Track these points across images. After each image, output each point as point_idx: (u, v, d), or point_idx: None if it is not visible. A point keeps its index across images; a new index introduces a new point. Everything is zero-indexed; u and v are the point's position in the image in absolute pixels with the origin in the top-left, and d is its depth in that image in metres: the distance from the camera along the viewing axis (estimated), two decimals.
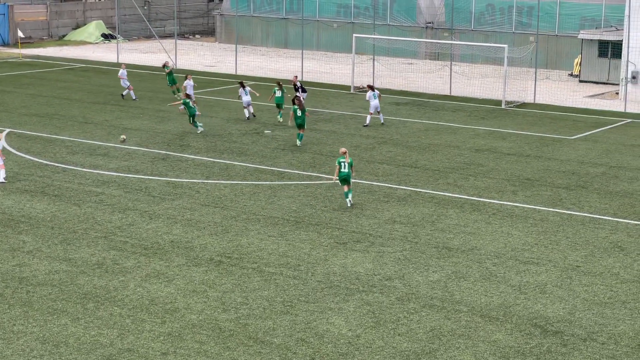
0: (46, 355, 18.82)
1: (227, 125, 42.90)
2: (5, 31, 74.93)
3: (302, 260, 24.53)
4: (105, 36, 78.50)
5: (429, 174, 34.06)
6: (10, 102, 48.29)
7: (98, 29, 79.32)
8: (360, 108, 47.18)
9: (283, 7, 73.36)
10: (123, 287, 22.51)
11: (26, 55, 68.50)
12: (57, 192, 30.93)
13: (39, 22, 78.33)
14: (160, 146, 38.04)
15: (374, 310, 21.29)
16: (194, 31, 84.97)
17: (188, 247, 25.51)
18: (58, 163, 34.88)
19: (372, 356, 18.90)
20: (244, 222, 27.90)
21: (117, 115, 44.75)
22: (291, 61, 63.61)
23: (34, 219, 27.93)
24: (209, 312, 21.09)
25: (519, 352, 19.13)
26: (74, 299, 21.79)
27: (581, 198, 31.07)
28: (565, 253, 25.38)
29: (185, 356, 18.81)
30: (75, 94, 51.12)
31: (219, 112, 45.89)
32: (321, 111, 46.18)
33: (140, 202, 29.83)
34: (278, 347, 19.27)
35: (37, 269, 23.74)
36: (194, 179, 32.96)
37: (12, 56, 68.09)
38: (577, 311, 21.33)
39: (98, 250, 25.23)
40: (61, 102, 48.60)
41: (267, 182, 32.73)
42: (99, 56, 68.12)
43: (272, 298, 21.92)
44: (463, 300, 21.94)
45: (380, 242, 26.11)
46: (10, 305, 21.37)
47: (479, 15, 65.08)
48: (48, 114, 45.06)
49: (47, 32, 78.78)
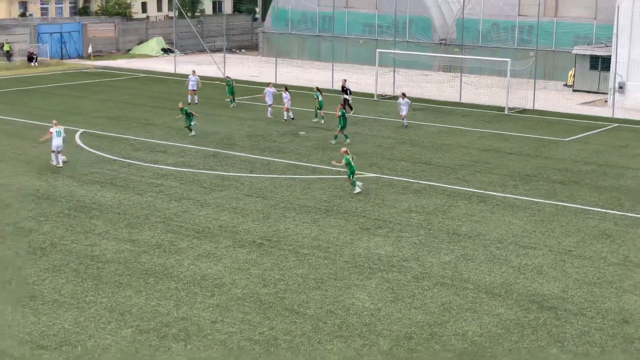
0: (113, 322, 18.94)
1: (268, 127, 42.94)
2: (80, 46, 75.49)
3: (332, 243, 24.53)
4: (164, 50, 78.91)
5: (441, 170, 33.94)
6: (84, 106, 48.65)
7: (158, 44, 79.76)
8: (382, 113, 47.11)
9: (316, 25, 73.35)
10: (178, 265, 22.61)
11: (98, 66, 69.00)
12: (123, 183, 31.11)
13: (109, 38, 78.83)
14: (210, 145, 38.15)
15: (393, 286, 21.26)
16: (240, 46, 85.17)
17: (234, 231, 25.58)
18: (124, 158, 35.08)
19: (391, 326, 18.87)
20: (282, 210, 27.93)
21: (174, 117, 44.88)
22: (323, 72, 63.59)
23: (104, 206, 28.11)
24: (252, 287, 21.14)
25: (518, 325, 19.05)
26: (137, 274, 21.92)
27: (574, 192, 30.85)
28: (560, 239, 25.22)
29: (231, 324, 18.87)
30: (138, 100, 51.40)
31: (261, 115, 45.94)
32: (349, 115, 46.03)
33: (193, 192, 29.93)
34: (310, 318, 19.28)
35: (106, 248, 23.90)
36: (240, 173, 33.03)
37: (86, 67, 68.60)
38: (569, 289, 21.20)
39: (157, 233, 25.35)
40: (126, 106, 48.88)
41: (302, 176, 32.74)
42: (159, 67, 68.48)
43: (306, 275, 21.94)
44: (470, 279, 21.86)
45: (399, 229, 26.06)
46: (83, 279, 21.54)
47: (486, 33, 64.80)
48: (115, 117, 45.34)
49: (115, 46, 79.27)
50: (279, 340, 18.10)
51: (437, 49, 65.94)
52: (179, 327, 18.67)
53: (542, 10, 58.77)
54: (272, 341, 18.07)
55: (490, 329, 18.83)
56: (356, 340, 18.16)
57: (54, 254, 23.39)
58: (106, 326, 18.70)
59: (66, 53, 74.43)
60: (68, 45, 74.80)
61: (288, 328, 18.71)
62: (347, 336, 18.37)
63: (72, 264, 22.61)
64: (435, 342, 18.15)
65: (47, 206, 28.00)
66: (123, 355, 17.35)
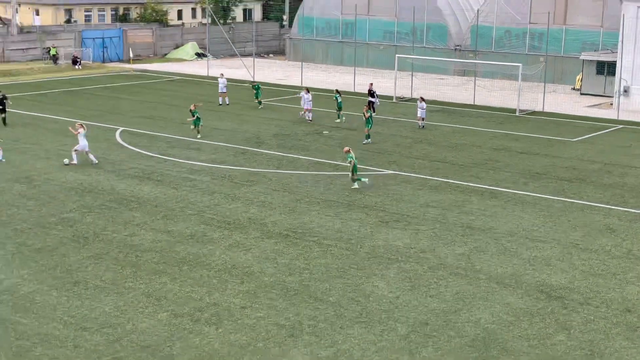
0: (150, 306, 19.06)
1: (294, 126, 42.96)
2: (120, 50, 75.87)
3: (353, 235, 24.53)
4: (198, 55, 79.09)
5: (456, 168, 33.82)
6: (123, 107, 48.90)
7: (193, 49, 79.96)
8: (400, 114, 46.97)
9: (340, 32, 73.25)
10: (210, 254, 22.70)
11: (136, 69, 69.31)
12: (159, 177, 31.26)
13: (147, 43, 79.16)
14: (240, 143, 38.23)
15: (410, 276, 21.23)
16: (268, 51, 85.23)
17: (262, 223, 25.63)
18: (160, 155, 35.24)
19: (409, 313, 18.85)
20: (307, 204, 27.95)
21: (207, 117, 45.00)
22: (345, 76, 63.51)
23: (142, 199, 28.26)
24: (278, 275, 21.18)
25: (527, 313, 18.98)
26: (172, 262, 22.03)
27: (580, 189, 30.65)
28: (567, 233, 25.08)
29: (259, 310, 18.92)
30: (174, 100, 51.59)
31: (287, 116, 45.97)
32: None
33: (224, 187, 30.02)
34: (333, 304, 19.30)
35: (143, 238, 24.03)
36: (267, 169, 33.08)
37: (126, 70, 68.93)
38: (575, 280, 21.09)
39: (191, 224, 25.45)
40: (163, 107, 49.08)
41: (325, 172, 32.74)
42: (193, 71, 68.68)
43: (329, 265, 21.96)
44: (482, 269, 21.79)
45: (416, 222, 26.00)
46: (123, 266, 21.68)
47: (498, 40, 64.43)
48: (153, 116, 45.54)
49: (152, 51, 79.58)
50: (304, 325, 18.14)
51: (453, 54, 65.67)
52: (211, 312, 18.76)
53: (551, 19, 58.48)
54: (297, 326, 18.11)
55: (501, 316, 18.77)
56: (376, 326, 18.17)
57: (96, 243, 23.56)
58: (144, 310, 18.82)
59: (107, 57, 74.81)
60: (109, 49, 75.17)
61: (312, 314, 18.74)
62: (367, 322, 18.38)
63: (112, 252, 22.76)
64: (450, 328, 18.12)
65: (90, 199, 28.18)
66: (159, 338, 17.46)
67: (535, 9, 62.17)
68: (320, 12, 74.41)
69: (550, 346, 17.35)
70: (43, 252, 22.66)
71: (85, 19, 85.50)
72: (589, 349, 17.25)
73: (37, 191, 29.02)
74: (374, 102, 46.45)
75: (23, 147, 36.18)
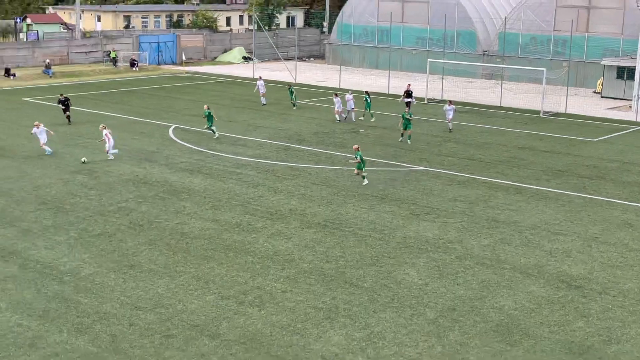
0: (199, 289, 19.19)
1: (332, 125, 42.92)
2: (174, 54, 76.41)
3: (386, 226, 24.45)
4: (245, 58, 79.32)
5: (483, 165, 33.54)
6: (176, 106, 49.25)
7: (240, 52, 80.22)
8: (432, 115, 46.68)
9: (375, 38, 72.96)
10: (254, 242, 22.78)
11: (188, 71, 69.75)
12: (208, 171, 31.44)
13: (198, 48, 79.62)
14: (283, 140, 38.30)
15: (439, 265, 21.12)
16: (309, 55, 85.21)
17: (302, 214, 25.66)
18: (209, 150, 35.43)
19: (437, 299, 18.77)
20: (343, 197, 27.92)
21: (252, 116, 45.21)
22: (380, 79, 63.27)
23: (192, 190, 28.45)
24: (317, 262, 21.20)
25: (548, 301, 18.78)
26: (219, 249, 22.15)
27: (600, 186, 30.22)
28: (587, 227, 24.75)
29: (298, 294, 18.97)
30: (222, 100, 51.84)
31: (326, 115, 45.89)
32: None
33: (267, 180, 30.10)
34: (367, 290, 19.28)
35: (193, 226, 24.20)
36: (307, 164, 33.10)
37: (178, 72, 69.40)
38: (594, 271, 20.81)
39: (237, 214, 25.57)
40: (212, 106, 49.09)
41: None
42: (240, 73, 68.90)
43: (363, 253, 21.92)
44: (507, 260, 21.60)
45: (445, 215, 25.85)
46: (174, 252, 21.86)
47: (524, 46, 63.71)
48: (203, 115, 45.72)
49: (203, 54, 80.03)
50: (340, 309, 18.14)
51: (481, 59, 65.10)
52: (254, 295, 18.84)
53: (575, 27, 57.68)
54: (334, 309, 18.12)
55: (524, 304, 18.59)
56: (406, 310, 18.11)
57: (150, 230, 23.77)
58: (193, 292, 18.97)
59: (162, 60, 75.38)
60: (164, 53, 75.75)
61: (347, 298, 18.73)
62: (398, 307, 18.32)
63: (165, 239, 22.96)
64: (475, 314, 18.00)
65: (145, 189, 28.45)
66: (207, 318, 17.58)
67: (559, 17, 61.43)
68: (358, 19, 74.20)
69: (570, 332, 17.16)
70: (102, 238, 22.94)
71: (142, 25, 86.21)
72: (606, 336, 17.03)
73: (98, 182, 29.37)
74: (411, 101, 46.24)
75: (85, 142, 36.62)
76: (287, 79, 62.51)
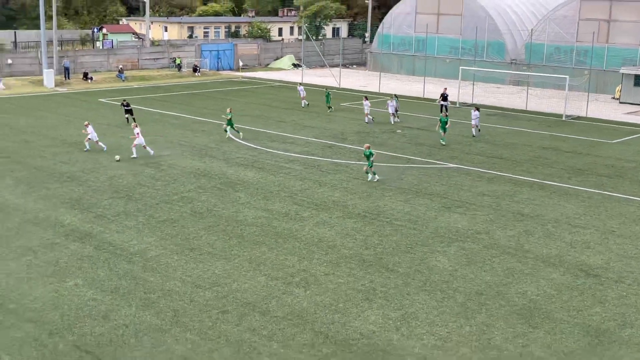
0: (251, 270, 19.32)
1: (373, 125, 42.76)
2: (232, 60, 76.88)
3: (420, 218, 24.31)
4: (294, 65, 79.45)
5: (509, 163, 33.12)
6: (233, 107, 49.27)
7: (290, 60, 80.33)
8: (463, 117, 46.22)
9: (412, 47, 72.46)
10: (301, 229, 22.84)
11: (244, 76, 70.14)
12: (261, 165, 31.60)
13: (253, 55, 79.95)
14: (327, 138, 38.30)
15: (467, 253, 20.93)
16: (352, 62, 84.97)
17: (344, 205, 25.65)
18: (262, 147, 35.61)
19: (466, 285, 18.61)
20: (381, 190, 27.83)
21: (300, 117, 45.29)
22: (416, 84, 62.84)
23: (246, 183, 28.62)
24: (356, 249, 21.18)
25: (568, 288, 18.50)
26: (270, 235, 22.26)
27: (618, 184, 29.62)
28: (605, 221, 24.29)
29: (340, 277, 18.98)
30: (274, 103, 52.03)
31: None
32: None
33: (313, 175, 30.14)
34: (402, 275, 19.21)
35: (247, 215, 24.36)
36: (349, 160, 33.06)
37: (235, 77, 69.84)
38: (611, 261, 20.42)
39: (286, 204, 25.66)
40: (265, 108, 49.56)
41: (397, 164, 32.52)
42: (290, 78, 69.04)
43: (399, 242, 21.84)
44: (530, 250, 21.32)
45: (474, 208, 25.60)
46: (230, 237, 22.02)
47: (549, 55, 62.68)
48: (256, 115, 46.03)
49: (257, 61, 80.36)
50: (377, 291, 18.11)
51: (509, 67, 64.25)
52: (301, 277, 18.90)
53: (596, 38, 56.68)
54: (372, 291, 18.09)
55: (546, 290, 18.33)
56: (437, 294, 18.00)
57: (209, 217, 23.99)
58: (246, 273, 19.10)
59: (221, 66, 75.90)
60: (222, 60, 76.27)
61: (384, 282, 18.69)
62: (430, 290, 18.22)
63: (221, 225, 23.15)
64: (501, 298, 17.80)
65: (205, 181, 28.72)
66: (258, 296, 17.70)
67: (581, 29, 60.30)
68: (397, 30, 73.74)
69: (587, 316, 16.87)
70: (167, 223, 23.23)
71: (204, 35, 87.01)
72: (621, 320, 16.71)
73: (163, 174, 29.74)
74: (446, 105, 45.88)
75: (152, 138, 37.07)
76: (332, 84, 62.43)
